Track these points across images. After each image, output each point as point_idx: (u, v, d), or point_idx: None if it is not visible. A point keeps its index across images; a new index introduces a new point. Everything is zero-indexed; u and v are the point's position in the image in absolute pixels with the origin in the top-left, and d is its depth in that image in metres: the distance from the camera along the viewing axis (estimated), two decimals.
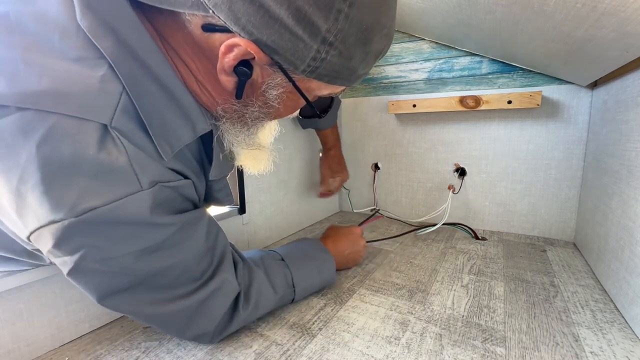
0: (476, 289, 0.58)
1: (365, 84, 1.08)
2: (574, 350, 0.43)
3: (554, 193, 0.84)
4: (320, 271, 0.56)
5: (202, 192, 0.43)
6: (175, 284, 0.37)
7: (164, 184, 0.33)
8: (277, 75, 0.33)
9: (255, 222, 0.79)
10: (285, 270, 0.51)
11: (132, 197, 0.31)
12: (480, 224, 0.95)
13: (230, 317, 0.43)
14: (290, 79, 0.33)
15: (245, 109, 0.37)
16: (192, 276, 0.39)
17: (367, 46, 0.32)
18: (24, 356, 0.42)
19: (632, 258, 0.48)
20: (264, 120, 0.40)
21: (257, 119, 0.39)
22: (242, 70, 0.32)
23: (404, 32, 0.98)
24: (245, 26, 0.29)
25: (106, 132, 0.30)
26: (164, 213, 0.34)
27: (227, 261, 0.43)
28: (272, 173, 0.84)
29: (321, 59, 0.31)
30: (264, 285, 0.47)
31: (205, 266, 0.40)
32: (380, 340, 0.45)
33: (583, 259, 0.72)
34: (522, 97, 0.78)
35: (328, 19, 0.28)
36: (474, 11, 0.62)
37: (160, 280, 0.36)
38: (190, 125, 0.36)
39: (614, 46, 0.51)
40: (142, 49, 0.31)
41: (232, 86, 0.34)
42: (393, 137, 1.05)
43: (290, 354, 0.43)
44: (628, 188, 0.52)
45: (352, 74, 0.34)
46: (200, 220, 0.39)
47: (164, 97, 0.33)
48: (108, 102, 0.30)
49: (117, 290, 0.34)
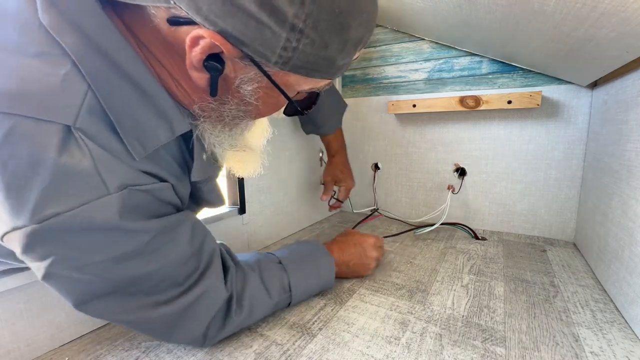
0: (476, 289, 0.58)
1: (365, 84, 1.08)
2: (574, 350, 0.43)
3: (554, 193, 0.84)
4: (318, 275, 0.54)
5: (185, 195, 0.41)
6: (157, 290, 0.36)
7: (135, 188, 0.32)
8: (250, 69, 0.31)
9: (255, 222, 0.79)
10: (282, 274, 0.50)
11: (97, 202, 0.29)
12: (480, 224, 0.95)
13: (223, 323, 0.42)
14: (265, 73, 0.31)
15: (223, 107, 0.35)
16: (175, 281, 0.37)
17: (343, 33, 0.29)
18: (24, 356, 0.42)
19: (632, 258, 0.48)
20: (244, 119, 0.38)
21: (237, 118, 0.37)
22: (212, 65, 0.30)
23: (404, 32, 0.98)
24: (207, 16, 0.27)
25: (69, 133, 0.28)
26: (138, 218, 0.32)
27: (214, 266, 0.42)
28: (272, 173, 0.85)
29: (293, 48, 0.28)
30: (259, 290, 0.46)
31: (190, 271, 0.39)
32: (380, 340, 0.45)
33: (583, 259, 0.72)
34: (522, 97, 0.78)
35: (293, 3, 0.26)
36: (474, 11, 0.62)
37: (140, 287, 0.35)
38: (167, 125, 0.34)
39: (614, 46, 0.51)
40: (111, 46, 0.30)
41: (205, 83, 0.32)
42: (393, 137, 1.05)
43: (290, 354, 0.43)
44: (628, 188, 0.52)
45: (331, 66, 0.32)
46: (183, 224, 0.38)
47: (137, 95, 0.31)
48: (71, 101, 0.28)
49: (95, 296, 0.33)
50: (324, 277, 0.55)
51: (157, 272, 0.35)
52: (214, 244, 0.43)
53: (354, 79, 1.10)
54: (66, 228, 0.28)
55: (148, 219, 0.34)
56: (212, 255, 0.42)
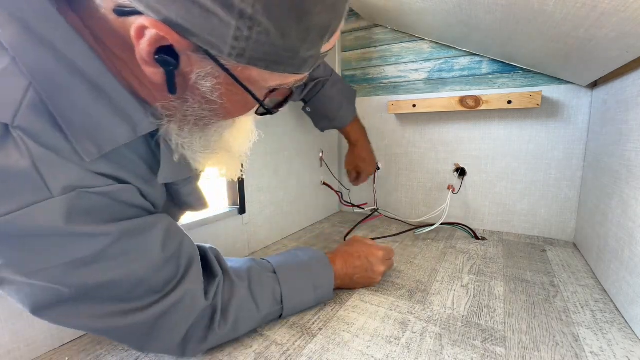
0: (476, 289, 0.58)
1: (365, 84, 1.08)
2: (574, 350, 0.43)
3: (554, 193, 0.84)
4: (315, 287, 0.51)
5: (157, 197, 0.39)
6: (128, 297, 0.34)
7: (86, 190, 0.30)
8: (206, 63, 0.28)
9: (255, 222, 0.79)
10: (274, 285, 0.47)
11: (39, 206, 0.27)
12: (480, 224, 0.95)
13: (205, 334, 0.40)
14: (222, 66, 0.28)
15: (185, 105, 0.32)
16: (150, 288, 0.35)
17: (303, 20, 0.26)
18: (23, 356, 0.42)
19: (632, 258, 0.48)
20: (212, 120, 0.34)
21: (204, 118, 0.34)
22: (164, 59, 0.27)
23: (404, 32, 0.98)
24: (149, 3, 0.24)
25: (6, 132, 0.26)
26: (92, 222, 0.30)
27: (193, 272, 0.39)
28: (272, 173, 0.85)
29: (245, 37, 0.25)
30: (246, 303, 0.44)
31: (168, 276, 0.37)
32: (380, 340, 0.45)
33: (583, 259, 0.72)
34: (522, 97, 0.78)
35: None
36: (474, 11, 0.62)
37: (107, 293, 0.33)
38: (129, 124, 0.32)
39: (614, 46, 0.51)
40: (58, 40, 0.27)
41: (161, 79, 0.29)
42: (393, 137, 1.05)
43: (290, 354, 0.43)
44: (628, 188, 0.52)
45: (294, 57, 0.28)
46: (153, 228, 0.35)
47: (90, 92, 0.29)
48: (9, 98, 0.26)
49: (53, 303, 0.31)
50: (321, 289, 0.52)
51: (126, 278, 0.33)
52: (192, 249, 0.41)
53: (354, 79, 1.10)
54: (6, 232, 0.27)
55: (106, 222, 0.31)
56: (192, 260, 0.40)
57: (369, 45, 1.05)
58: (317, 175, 1.03)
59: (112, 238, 0.31)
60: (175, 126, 0.34)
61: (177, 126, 0.34)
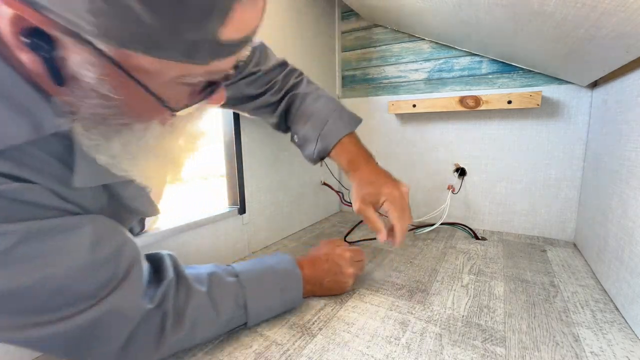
0: (476, 289, 0.58)
1: (365, 84, 1.08)
2: (574, 350, 0.43)
3: (554, 193, 0.84)
4: (282, 290, 0.49)
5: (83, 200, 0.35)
6: (49, 306, 0.31)
7: None
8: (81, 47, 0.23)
9: (255, 222, 0.79)
10: (237, 291, 0.45)
11: None
12: (480, 224, 0.95)
13: (157, 341, 0.38)
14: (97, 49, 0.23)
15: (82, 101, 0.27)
16: (77, 294, 0.32)
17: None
18: (24, 356, 0.42)
19: (632, 258, 0.48)
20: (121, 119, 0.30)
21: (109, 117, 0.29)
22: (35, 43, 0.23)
23: (404, 32, 0.98)
24: None
25: None
26: None
27: (133, 275, 0.36)
28: (272, 173, 0.85)
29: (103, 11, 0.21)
30: (204, 307, 0.41)
31: (103, 280, 0.34)
32: (380, 340, 0.45)
33: (583, 259, 0.72)
34: (522, 97, 0.78)
35: None
36: (474, 11, 0.62)
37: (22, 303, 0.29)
38: (29, 121, 0.28)
39: (614, 46, 0.51)
40: None
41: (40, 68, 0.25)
42: (393, 137, 1.05)
43: (290, 354, 0.43)
44: (628, 188, 0.52)
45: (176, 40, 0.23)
46: (76, 229, 0.32)
47: None
48: None
49: None
50: (289, 293, 0.50)
51: (42, 284, 0.30)
52: (135, 252, 0.38)
53: (354, 79, 1.10)
54: None
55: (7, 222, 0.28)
56: (132, 263, 0.37)
57: (369, 45, 1.05)
58: (317, 175, 1.03)
59: (15, 238, 0.28)
60: (80, 125, 0.30)
61: (81, 125, 0.30)
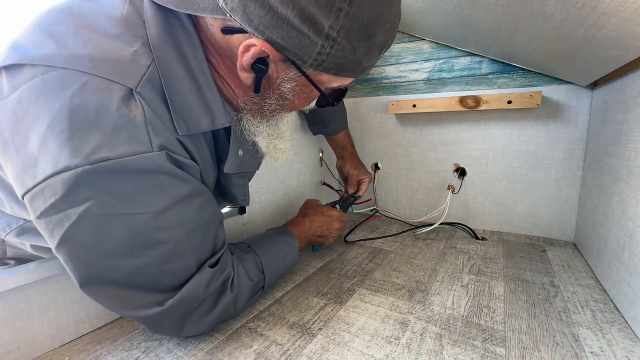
0: (476, 289, 0.58)
1: (366, 84, 1.08)
2: (574, 350, 0.43)
3: (554, 193, 0.84)
4: (284, 254, 0.58)
5: (208, 183, 0.46)
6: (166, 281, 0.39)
7: (170, 153, 0.36)
8: (290, 70, 0.37)
9: (255, 222, 0.79)
10: (255, 258, 0.52)
11: (141, 156, 0.33)
12: (480, 224, 0.95)
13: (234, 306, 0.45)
14: (303, 73, 0.37)
15: (264, 102, 0.42)
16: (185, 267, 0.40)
17: (369, 40, 0.34)
18: (24, 356, 0.42)
19: (632, 258, 0.48)
20: (281, 112, 0.45)
21: (275, 111, 0.44)
22: (258, 67, 0.37)
23: (404, 32, 0.98)
24: (258, 27, 0.33)
25: (130, 94, 0.33)
26: None
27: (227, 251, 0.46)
28: (272, 173, 0.85)
29: (326, 53, 0.34)
30: (242, 272, 0.48)
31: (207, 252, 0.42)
32: (380, 340, 0.45)
33: (583, 259, 0.72)
34: (522, 97, 0.78)
35: (330, 17, 0.31)
36: (474, 11, 0.62)
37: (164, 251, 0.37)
38: (210, 116, 0.40)
39: (614, 46, 0.51)
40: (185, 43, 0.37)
41: (251, 82, 0.39)
42: (393, 137, 1.05)
43: (290, 353, 0.43)
44: (628, 188, 0.52)
45: (358, 67, 0.37)
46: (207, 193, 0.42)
47: (192, 85, 0.38)
48: (136, 71, 0.34)
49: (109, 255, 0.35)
50: (289, 255, 0.59)
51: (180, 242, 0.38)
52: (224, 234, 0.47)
53: None
54: (110, 172, 0.32)
55: None
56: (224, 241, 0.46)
57: None
58: (317, 175, 1.03)
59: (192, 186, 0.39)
60: (251, 117, 0.45)
61: (251, 117, 0.45)
